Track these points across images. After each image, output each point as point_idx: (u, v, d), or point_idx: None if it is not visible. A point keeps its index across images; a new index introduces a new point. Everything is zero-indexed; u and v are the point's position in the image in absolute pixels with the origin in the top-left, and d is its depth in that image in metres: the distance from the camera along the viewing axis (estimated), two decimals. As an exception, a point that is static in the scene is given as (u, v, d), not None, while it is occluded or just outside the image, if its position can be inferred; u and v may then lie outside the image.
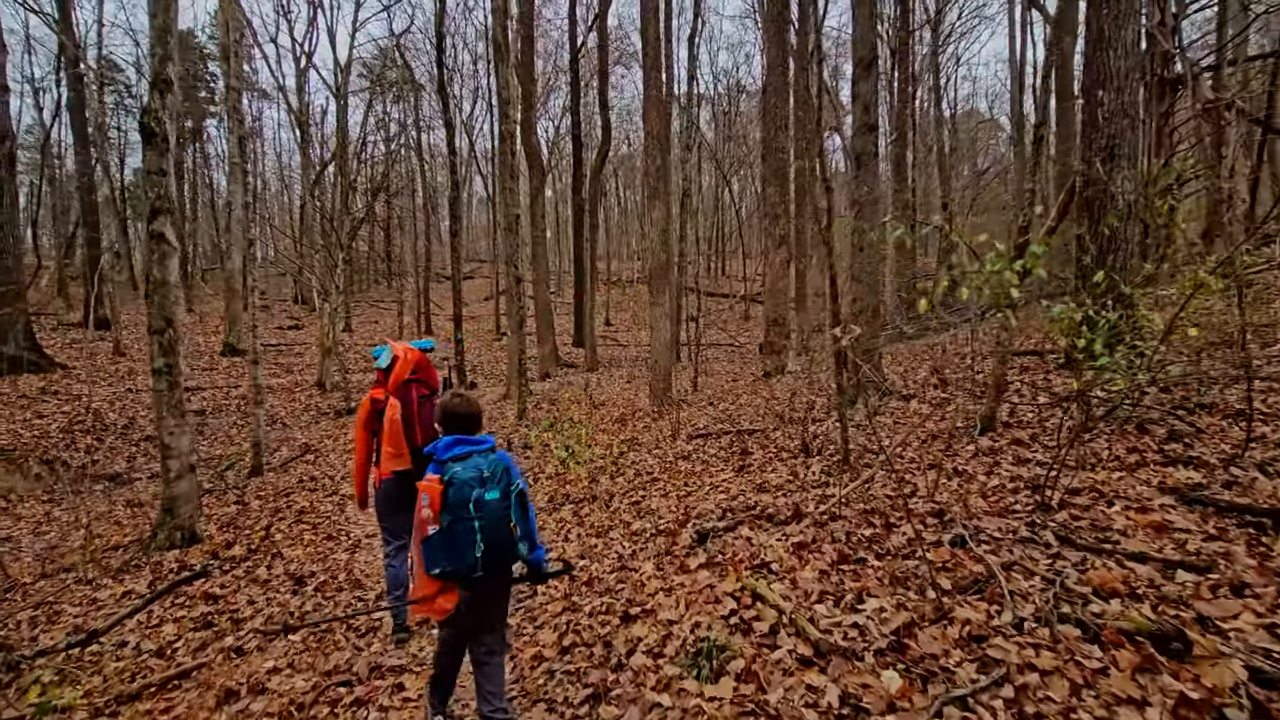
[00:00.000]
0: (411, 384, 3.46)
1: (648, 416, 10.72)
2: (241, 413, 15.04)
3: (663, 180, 11.41)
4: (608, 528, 4.77)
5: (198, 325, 22.78)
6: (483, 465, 2.17)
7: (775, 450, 6.15)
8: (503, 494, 2.16)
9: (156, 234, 5.50)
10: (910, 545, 3.09)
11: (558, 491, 6.28)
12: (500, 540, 2.14)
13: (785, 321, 13.05)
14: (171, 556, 5.46)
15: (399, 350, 3.48)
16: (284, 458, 10.09)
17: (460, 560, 2.09)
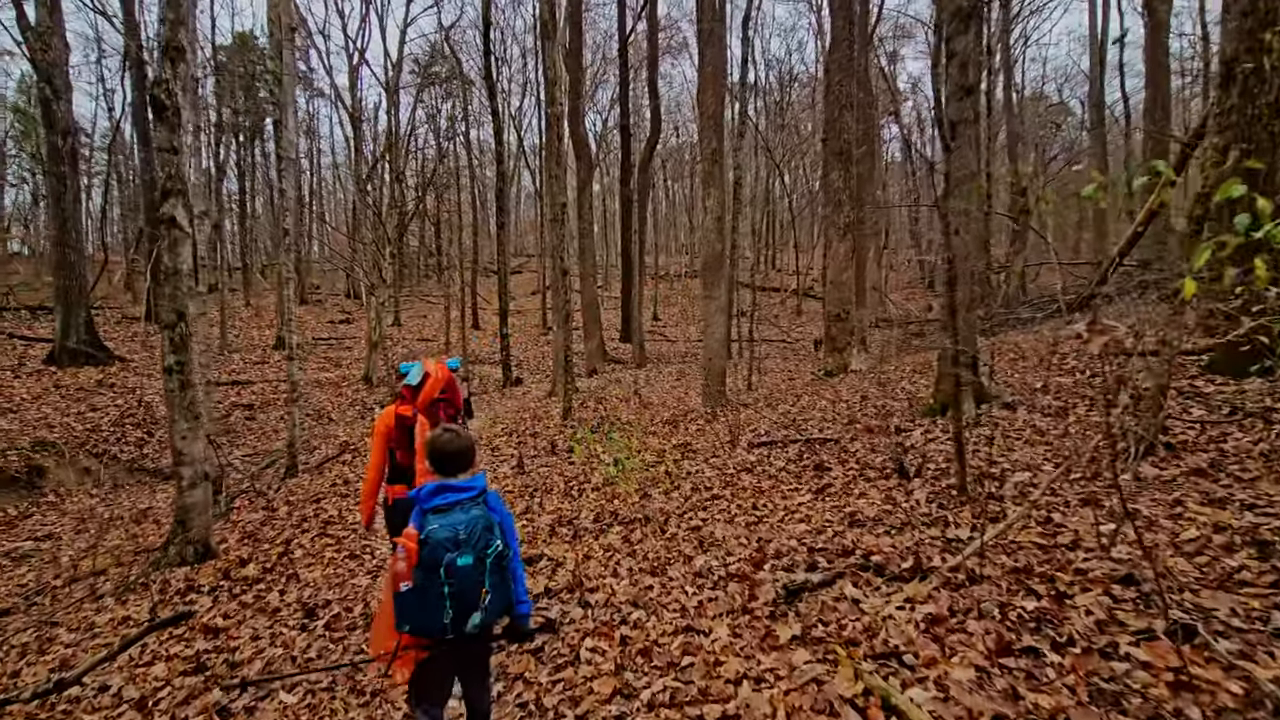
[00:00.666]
0: (439, 403, 3.41)
1: (701, 418, 9.85)
2: (300, 402, 14.80)
3: (718, 165, 10.49)
4: (665, 561, 3.95)
5: (254, 319, 22.96)
6: (461, 525, 1.98)
7: (857, 466, 5.21)
8: (477, 559, 1.98)
9: (166, 218, 4.92)
10: (1103, 631, 2.16)
11: (604, 509, 5.49)
12: (470, 607, 1.98)
13: (849, 316, 11.97)
14: (182, 575, 4.90)
15: (430, 368, 3.41)
16: (321, 457, 9.63)
17: (430, 622, 1.96)
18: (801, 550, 3.54)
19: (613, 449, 5.28)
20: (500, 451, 8.96)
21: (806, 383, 12.48)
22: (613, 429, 9.53)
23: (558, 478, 7.04)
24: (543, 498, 6.30)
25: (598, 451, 8.26)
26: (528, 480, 7.07)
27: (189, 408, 4.99)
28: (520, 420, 11.41)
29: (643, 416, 10.91)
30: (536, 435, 9.84)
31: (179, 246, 4.95)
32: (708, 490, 5.63)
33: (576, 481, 6.74)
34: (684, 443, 8.17)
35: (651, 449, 8.00)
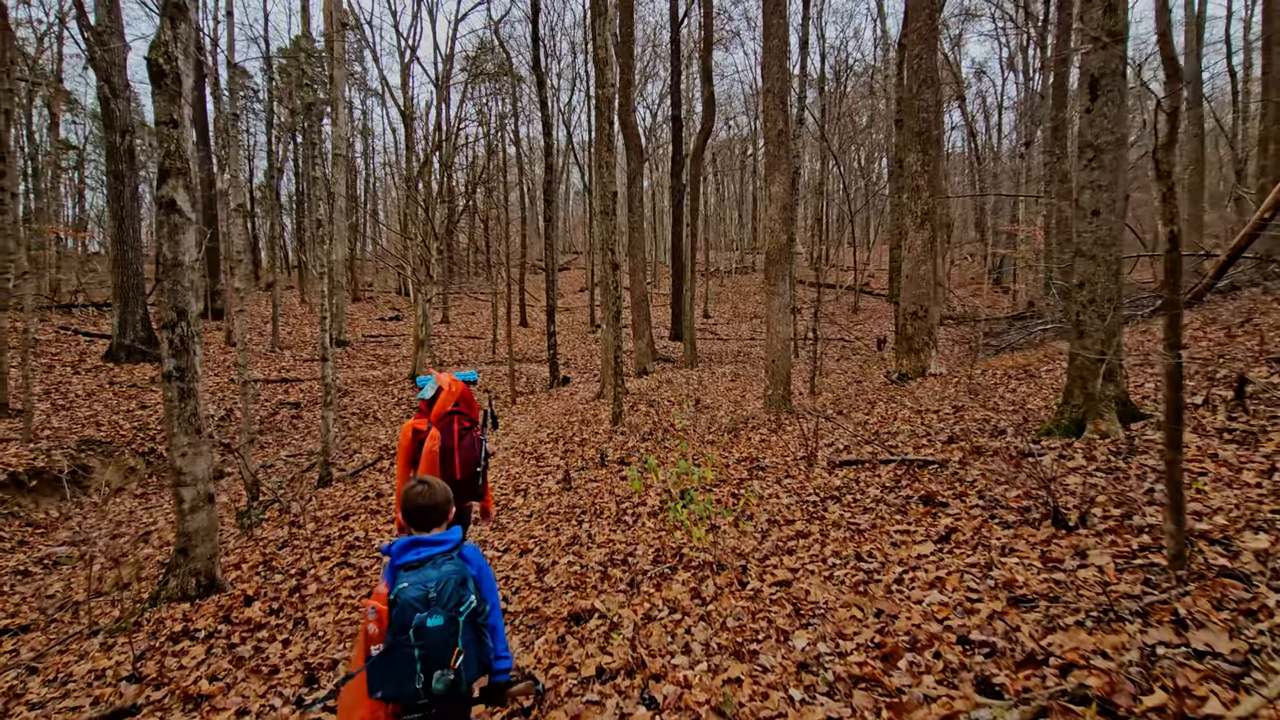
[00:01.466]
0: (454, 416, 3.34)
1: (764, 427, 8.82)
2: (337, 406, 14.40)
3: (784, 148, 9.40)
4: (750, 636, 2.99)
5: (308, 316, 22.91)
6: (431, 582, 1.81)
7: (983, 503, 4.13)
8: (449, 619, 1.79)
9: (165, 201, 4.21)
10: None
11: (664, 544, 4.55)
12: (442, 668, 1.77)
13: (926, 314, 10.71)
14: (180, 612, 4.19)
15: (443, 382, 3.42)
16: (359, 462, 8.99)
17: (401, 688, 1.77)
18: (950, 642, 2.53)
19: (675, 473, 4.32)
20: (545, 461, 8.13)
21: (877, 387, 11.26)
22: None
23: (609, 497, 6.14)
24: (592, 523, 5.41)
25: (656, 473, 7.34)
26: (575, 499, 6.20)
27: (190, 420, 4.28)
28: (567, 424, 10.58)
29: (698, 423, 9.95)
30: (584, 443, 8.98)
31: (180, 234, 4.23)
32: (788, 523, 4.63)
33: (630, 504, 5.83)
34: (749, 456, 7.17)
35: (712, 463, 7.03)
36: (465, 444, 3.29)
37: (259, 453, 12.11)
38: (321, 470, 8.04)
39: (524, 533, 5.39)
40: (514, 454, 8.85)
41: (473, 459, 3.30)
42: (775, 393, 9.53)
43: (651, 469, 7.22)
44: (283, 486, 9.09)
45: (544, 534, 5.27)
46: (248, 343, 18.55)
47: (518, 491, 6.77)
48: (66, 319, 17.86)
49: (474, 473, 3.32)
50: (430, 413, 3.34)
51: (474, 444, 3.33)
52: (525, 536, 5.26)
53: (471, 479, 3.32)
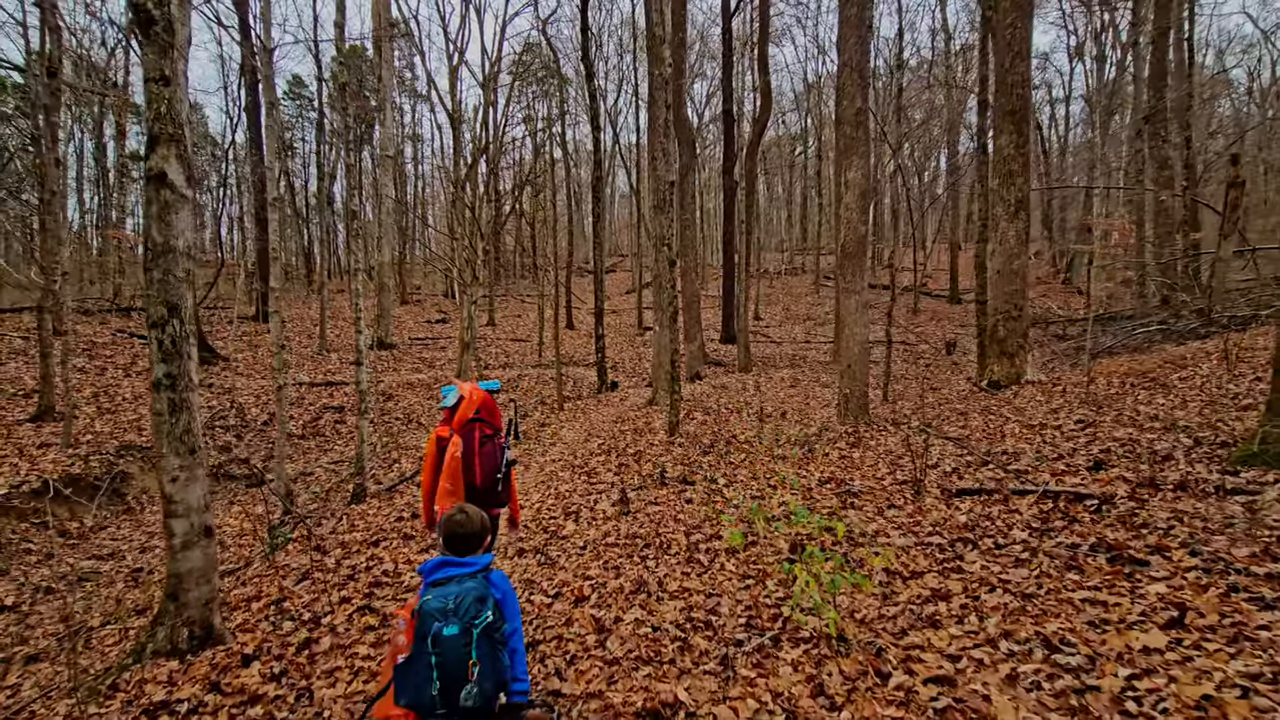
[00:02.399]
0: (475, 424, 3.30)
1: (842, 440, 7.72)
2: (381, 410, 13.86)
3: (862, 128, 8.29)
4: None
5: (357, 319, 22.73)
6: (451, 595, 1.93)
7: (1200, 562, 3.00)
8: (463, 630, 1.89)
9: (154, 173, 3.45)
10: None
11: (757, 601, 3.55)
12: (457, 679, 1.86)
13: (1021, 314, 9.40)
14: (166, 672, 3.40)
15: (464, 390, 3.40)
16: (397, 474, 8.25)
17: (419, 696, 1.87)
18: None
19: (824, 589, 3.25)
20: (598, 478, 7.21)
21: (963, 395, 9.99)
22: (729, 450, 7.57)
23: (674, 525, 5.17)
24: (659, 560, 4.44)
25: (719, 485, 6.34)
26: (635, 526, 5.25)
27: (183, 438, 3.50)
28: (618, 434, 9.66)
29: (763, 434, 8.89)
30: (639, 456, 8.04)
31: (172, 213, 3.47)
32: (914, 576, 3.57)
33: (702, 536, 4.84)
34: (833, 477, 6.10)
35: (791, 485, 5.99)
36: (486, 451, 3.29)
37: (301, 458, 11.59)
38: (355, 485, 7.32)
39: (577, 570, 4.47)
40: (562, 467, 7.97)
41: (493, 466, 3.30)
42: (852, 402, 8.41)
43: (720, 491, 6.24)
44: (317, 499, 8.43)
45: (601, 573, 4.34)
46: (293, 345, 18.28)
47: (568, 515, 5.86)
48: (125, 322, 17.93)
49: (494, 480, 3.30)
50: (452, 420, 3.32)
51: (495, 451, 3.32)
52: (579, 576, 4.33)
53: (492, 486, 3.30)
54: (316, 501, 7.99)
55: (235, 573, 5.45)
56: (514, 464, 3.56)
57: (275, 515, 7.88)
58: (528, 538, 5.38)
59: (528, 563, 4.80)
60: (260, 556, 5.54)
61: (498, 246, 23.01)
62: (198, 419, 3.64)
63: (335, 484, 8.93)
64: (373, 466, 9.39)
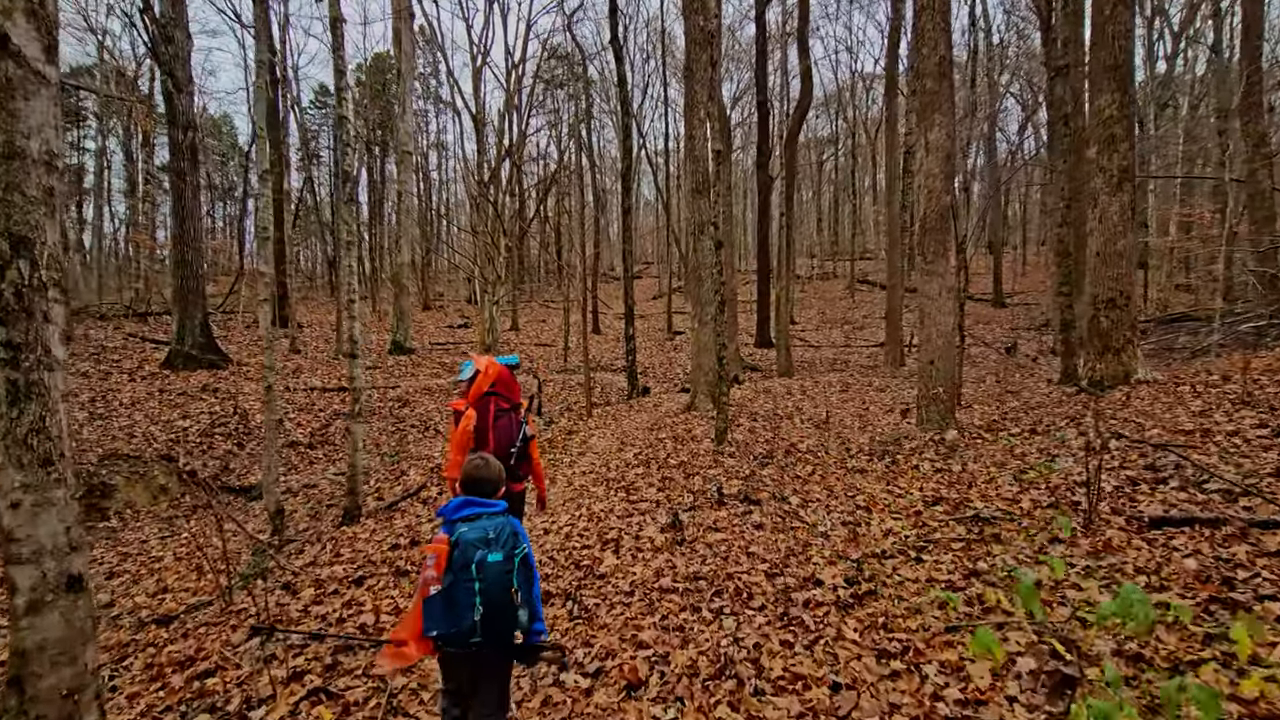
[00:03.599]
0: (490, 397, 3.23)
1: (929, 449, 6.31)
2: (395, 416, 12.73)
3: (946, 80, 6.93)
4: None
5: (377, 324, 21.72)
6: (489, 527, 1.99)
7: None
8: (506, 557, 1.94)
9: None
10: None
11: (924, 706, 2.18)
12: (500, 605, 1.91)
13: (1129, 303, 7.90)
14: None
15: (480, 364, 3.30)
16: (403, 490, 7.00)
17: (458, 624, 1.89)
18: None
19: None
20: (639, 494, 5.89)
21: (1055, 398, 8.48)
22: (792, 462, 6.15)
23: (748, 562, 3.83)
24: (739, 618, 3.10)
25: (792, 505, 4.97)
26: (696, 563, 3.91)
27: (28, 441, 2.27)
28: (656, 442, 8.34)
29: (827, 442, 7.51)
30: (685, 469, 6.70)
31: (18, 98, 2.26)
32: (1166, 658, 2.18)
33: (794, 579, 3.49)
34: (939, 496, 4.71)
35: (882, 504, 4.61)
36: (501, 425, 3.16)
37: (306, 469, 10.47)
38: (347, 502, 6.08)
39: (624, 630, 3.15)
40: (594, 481, 6.67)
41: (508, 440, 3.15)
42: (935, 404, 6.99)
43: (794, 513, 4.88)
44: (313, 516, 7.23)
45: (659, 636, 3.02)
46: (310, 349, 17.32)
47: (605, 543, 4.55)
48: (139, 326, 17.15)
49: (508, 454, 3.09)
50: (469, 394, 3.21)
51: (511, 426, 3.18)
52: (627, 641, 3.02)
53: (506, 459, 2.99)
54: (310, 520, 6.79)
55: (182, 616, 4.22)
56: (533, 438, 3.37)
57: (264, 535, 6.71)
58: (554, 575, 4.08)
59: (555, 613, 3.49)
60: (220, 596, 4.31)
61: (522, 244, 21.92)
62: (60, 414, 2.40)
63: (337, 498, 7.74)
64: (378, 479, 8.18)
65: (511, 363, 3.42)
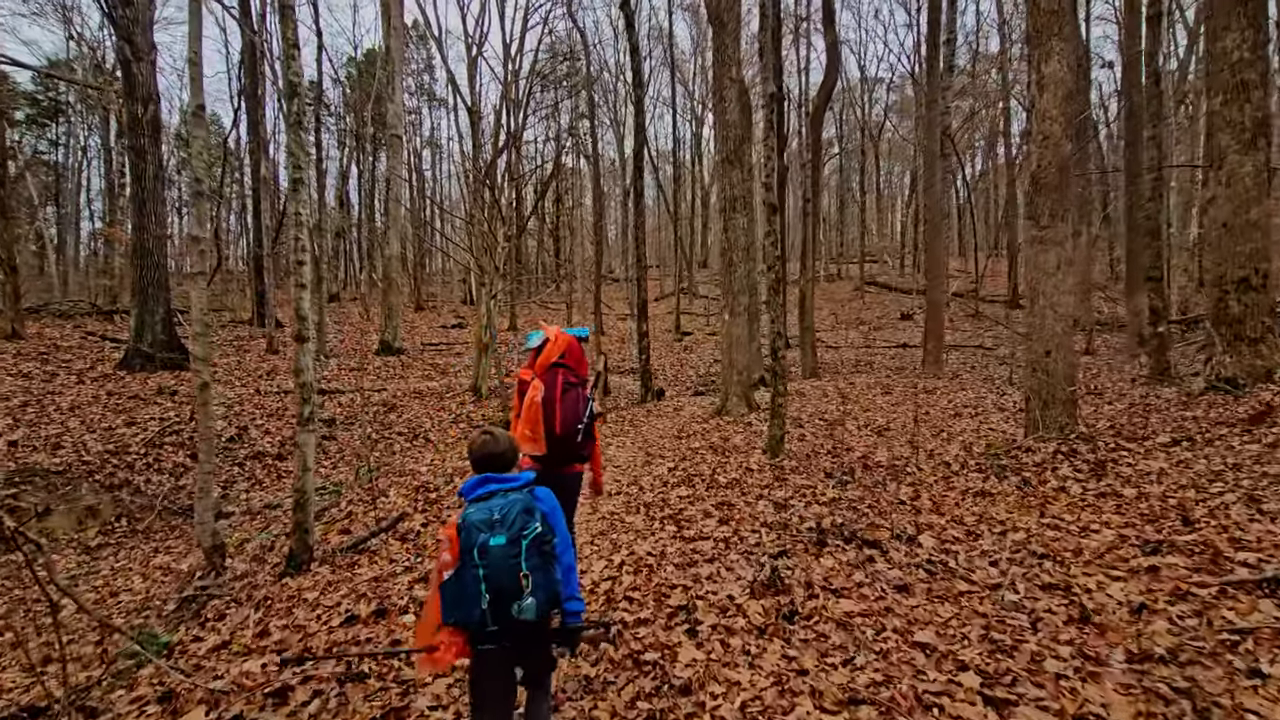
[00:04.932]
0: (558, 369, 2.91)
1: (1063, 464, 4.74)
2: (380, 423, 11.05)
3: (1062, 2, 5.42)
4: None
5: (366, 323, 19.99)
6: (496, 507, 1.77)
7: None
8: (511, 540, 1.72)
9: None
10: None
11: None
12: (508, 590, 1.69)
13: (1265, 283, 6.39)
14: None
15: (550, 333, 2.98)
16: (374, 521, 5.33)
17: (468, 612, 1.71)
18: None
19: None
20: (693, 526, 4.27)
21: (1173, 400, 6.94)
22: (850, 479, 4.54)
23: (924, 661, 2.23)
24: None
25: (925, 548, 3.39)
26: (834, 664, 2.31)
27: None
28: (691, 454, 6.73)
29: (904, 451, 5.95)
30: (742, 488, 5.11)
31: None
32: None
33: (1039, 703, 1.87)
34: (1142, 535, 3.14)
35: (1080, 553, 3.03)
36: (569, 399, 2.86)
37: (274, 484, 8.79)
38: (293, 543, 4.37)
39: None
40: (629, 507, 5.05)
41: (574, 417, 2.85)
42: (1051, 407, 5.43)
43: (942, 564, 3.28)
44: (265, 549, 5.54)
45: None
46: (287, 350, 15.62)
47: (672, 616, 2.93)
48: (104, 324, 15.39)
49: (574, 430, 2.82)
50: (535, 364, 2.92)
51: (578, 401, 2.87)
52: None
53: (571, 436, 2.82)
54: (257, 559, 5.10)
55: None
56: (600, 415, 3.09)
57: (196, 577, 5.08)
58: (598, 676, 2.47)
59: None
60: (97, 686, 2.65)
61: (521, 239, 20.28)
62: None
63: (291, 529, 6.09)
64: (350, 501, 6.52)
65: (582, 335, 3.09)
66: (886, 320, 22.81)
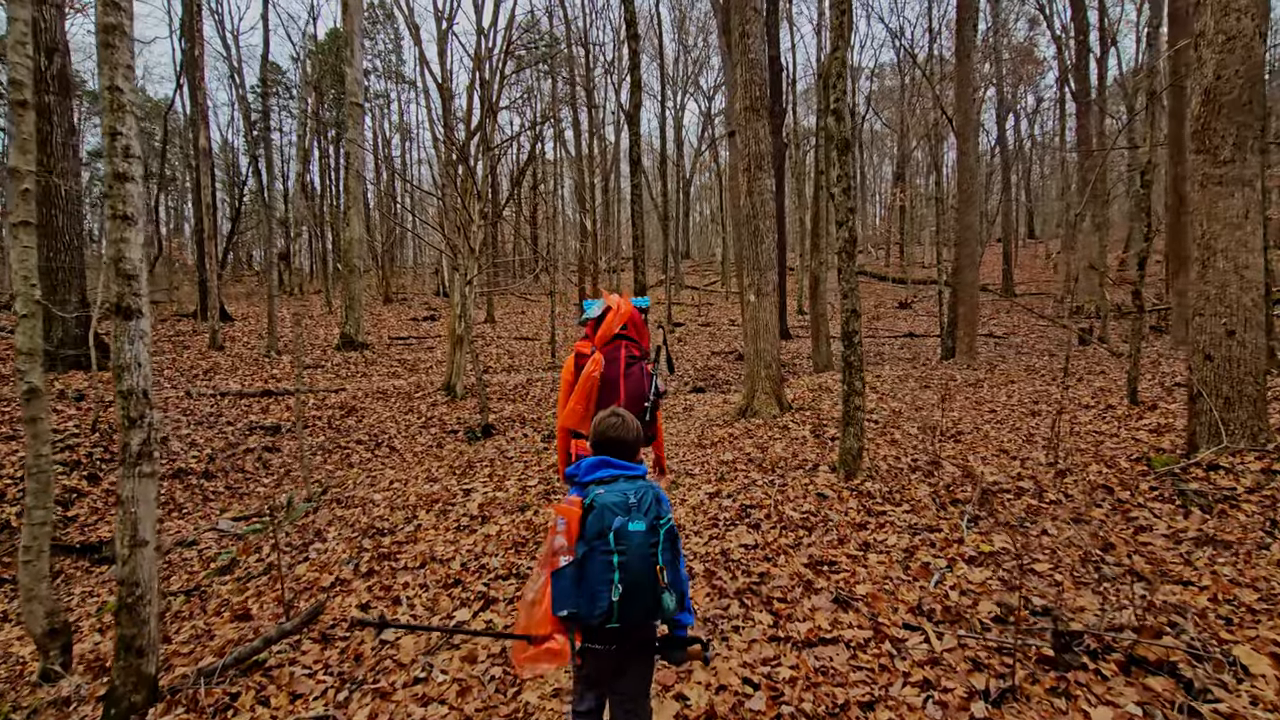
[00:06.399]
0: (621, 341, 2.55)
1: (1265, 495, 3.20)
2: (334, 429, 9.18)
3: None
4: None
5: (328, 318, 17.87)
6: (630, 490, 1.53)
7: None
8: (650, 527, 1.49)
9: None
10: None
11: None
12: (642, 584, 1.45)
13: None
14: None
15: (612, 301, 2.60)
16: (284, 612, 3.52)
17: (591, 604, 1.44)
18: None
19: None
20: (780, 598, 2.61)
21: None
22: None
23: None
24: None
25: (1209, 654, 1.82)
26: None
27: None
28: (725, 470, 5.06)
29: (1010, 466, 4.38)
30: (825, 526, 3.47)
31: None
32: None
33: None
34: None
35: None
36: (633, 374, 2.50)
37: (195, 512, 6.92)
38: (118, 673, 2.43)
39: None
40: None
41: (640, 394, 2.49)
42: (1238, 408, 3.90)
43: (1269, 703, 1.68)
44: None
45: None
46: (236, 347, 13.52)
47: None
48: (11, 318, 13.15)
49: (641, 409, 2.44)
50: (595, 336, 2.55)
51: (643, 377, 2.53)
52: None
53: (638, 415, 2.28)
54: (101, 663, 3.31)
55: None
56: (665, 394, 2.78)
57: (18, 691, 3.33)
58: None
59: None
60: None
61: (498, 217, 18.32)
62: None
63: (232, 568, 4.26)
64: (263, 555, 4.68)
65: (643, 304, 2.67)
66: (884, 310, 21.50)
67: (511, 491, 5.02)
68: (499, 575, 3.28)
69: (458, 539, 3.94)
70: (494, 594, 3.02)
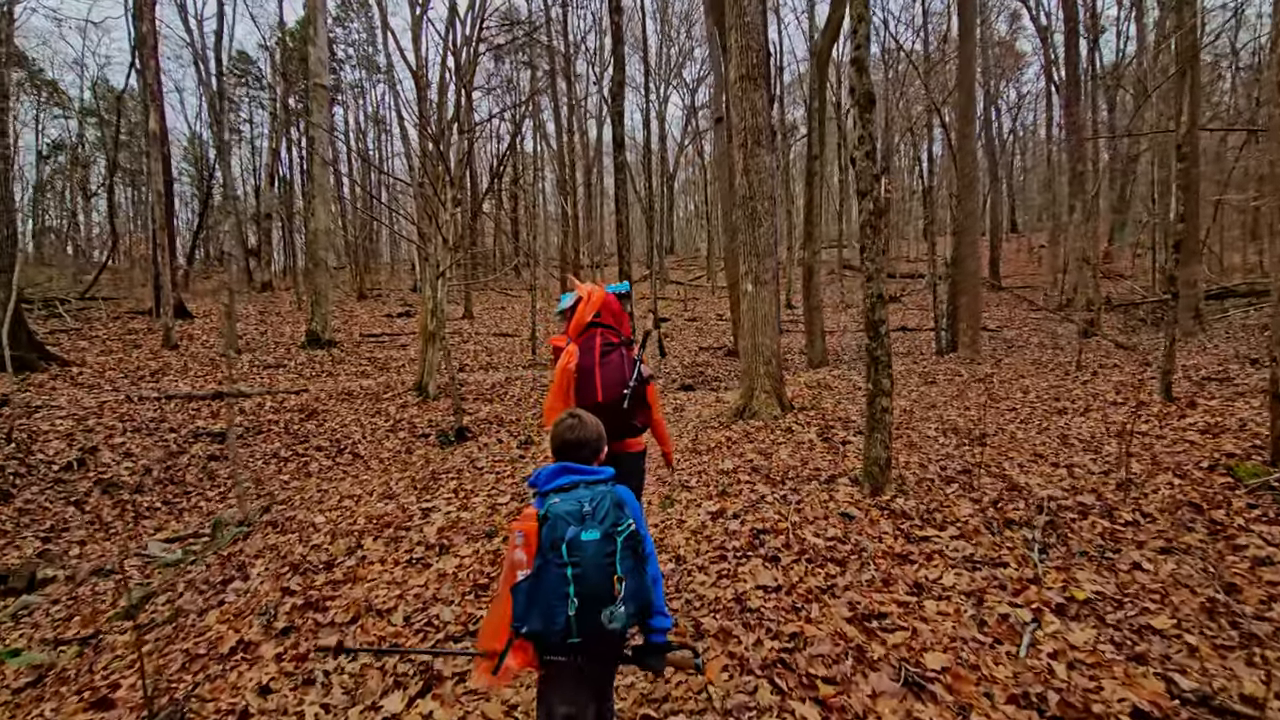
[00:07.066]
0: (595, 329, 2.40)
1: None
2: (293, 435, 8.32)
3: None
4: None
5: (296, 313, 16.82)
6: (585, 498, 1.42)
7: None
8: (605, 535, 1.38)
9: None
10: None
11: None
12: (601, 596, 1.34)
13: None
14: None
15: (583, 291, 2.48)
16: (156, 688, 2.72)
17: (549, 620, 1.33)
18: None
19: None
20: (827, 683, 1.89)
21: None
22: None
23: None
24: None
25: None
26: None
27: None
28: (726, 481, 4.32)
29: (1058, 478, 3.71)
30: (860, 560, 2.75)
31: None
32: None
33: None
34: None
35: None
36: (611, 361, 2.32)
37: (135, 527, 6.05)
38: None
39: None
40: (677, 628, 2.59)
41: (619, 381, 2.30)
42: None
43: None
44: None
45: None
46: (194, 345, 12.51)
47: None
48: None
49: (620, 396, 2.27)
50: (569, 328, 2.44)
51: (622, 362, 2.33)
52: None
53: (617, 403, 2.26)
54: None
55: None
56: (651, 379, 2.42)
57: None
58: None
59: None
60: None
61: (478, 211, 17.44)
62: None
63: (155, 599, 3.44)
64: (175, 596, 3.86)
65: (622, 290, 2.52)
66: (872, 303, 20.95)
67: (479, 511, 4.25)
68: (451, 635, 2.51)
69: (406, 578, 3.16)
70: (440, 669, 2.24)
